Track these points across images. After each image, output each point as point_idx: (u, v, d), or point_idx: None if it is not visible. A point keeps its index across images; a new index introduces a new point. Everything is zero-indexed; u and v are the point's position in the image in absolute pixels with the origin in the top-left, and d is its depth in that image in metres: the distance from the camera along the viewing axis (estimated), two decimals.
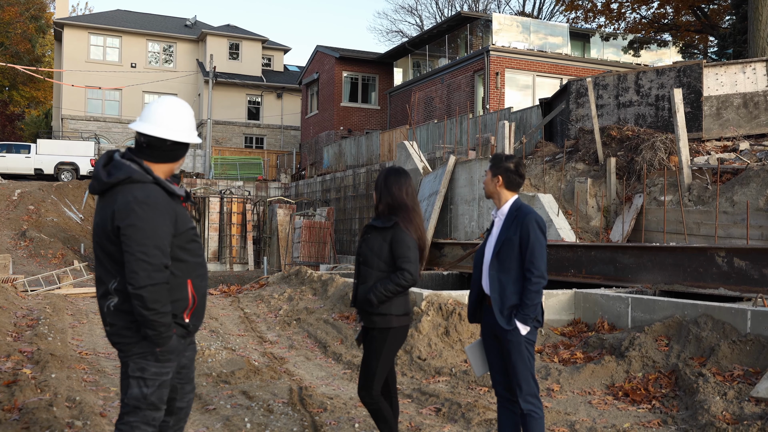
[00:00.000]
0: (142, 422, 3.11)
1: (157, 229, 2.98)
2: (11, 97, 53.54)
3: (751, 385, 5.39)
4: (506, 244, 3.78)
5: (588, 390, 5.93)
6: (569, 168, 15.26)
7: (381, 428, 3.95)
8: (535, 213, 3.85)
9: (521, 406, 3.78)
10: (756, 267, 7.66)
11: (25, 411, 4.69)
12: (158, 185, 3.09)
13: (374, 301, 3.83)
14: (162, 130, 3.13)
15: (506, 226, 3.83)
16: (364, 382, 3.91)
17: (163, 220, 3.01)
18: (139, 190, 3.00)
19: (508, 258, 3.77)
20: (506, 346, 3.77)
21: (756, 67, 15.28)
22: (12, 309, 8.79)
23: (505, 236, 3.79)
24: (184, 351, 3.24)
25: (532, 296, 3.71)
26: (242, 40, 42.74)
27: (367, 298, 3.85)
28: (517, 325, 3.72)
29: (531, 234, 3.73)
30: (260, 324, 9.32)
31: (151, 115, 3.16)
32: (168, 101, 3.25)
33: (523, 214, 3.82)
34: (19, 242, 24.30)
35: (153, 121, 3.14)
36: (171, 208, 3.08)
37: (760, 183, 11.86)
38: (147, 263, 2.92)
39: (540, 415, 3.79)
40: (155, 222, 2.98)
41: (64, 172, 32.15)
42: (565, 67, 26.06)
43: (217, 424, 4.96)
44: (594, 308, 7.93)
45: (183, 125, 3.20)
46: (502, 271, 3.78)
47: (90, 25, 40.84)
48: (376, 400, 3.89)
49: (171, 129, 3.16)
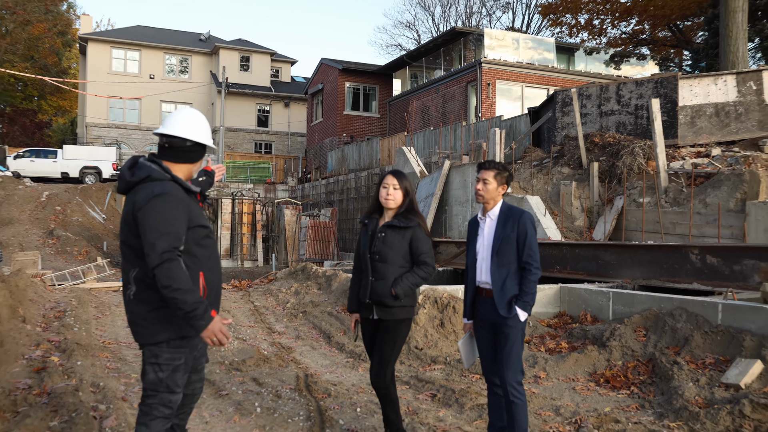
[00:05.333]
0: (160, 404, 3.15)
1: (169, 217, 3.01)
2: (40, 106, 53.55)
3: (722, 372, 5.41)
4: (505, 241, 3.83)
5: (572, 377, 5.95)
6: (555, 172, 15.27)
7: (388, 412, 3.95)
8: (528, 212, 3.90)
9: (506, 393, 3.80)
10: (726, 263, 7.68)
11: (53, 395, 4.70)
12: (175, 182, 3.15)
13: (401, 294, 3.82)
14: (183, 131, 3.23)
15: (501, 225, 3.87)
16: (378, 369, 3.89)
17: (177, 211, 3.05)
18: (158, 185, 3.07)
19: (507, 254, 3.82)
20: (505, 332, 3.80)
21: (727, 79, 15.29)
22: (41, 302, 8.81)
23: (503, 234, 3.85)
24: (197, 343, 3.26)
25: (531, 286, 3.80)
26: (252, 53, 42.75)
27: (392, 291, 3.83)
28: (517, 312, 3.77)
29: (528, 232, 3.82)
30: (269, 316, 9.34)
31: (173, 120, 3.27)
32: (186, 110, 3.37)
33: (517, 213, 3.88)
34: (47, 240, 24.31)
35: (174, 125, 3.25)
36: (185, 203, 3.12)
37: (731, 186, 11.88)
38: (156, 246, 2.94)
39: (523, 402, 3.81)
40: (169, 211, 3.02)
41: (88, 176, 32.15)
42: (552, 79, 26.06)
43: (230, 408, 4.98)
44: (578, 302, 7.94)
45: (200, 129, 3.31)
46: (502, 266, 3.83)
47: (112, 40, 40.85)
48: (388, 386, 3.90)
49: (190, 131, 3.26)
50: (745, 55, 17.61)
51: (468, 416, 4.87)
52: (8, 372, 5.36)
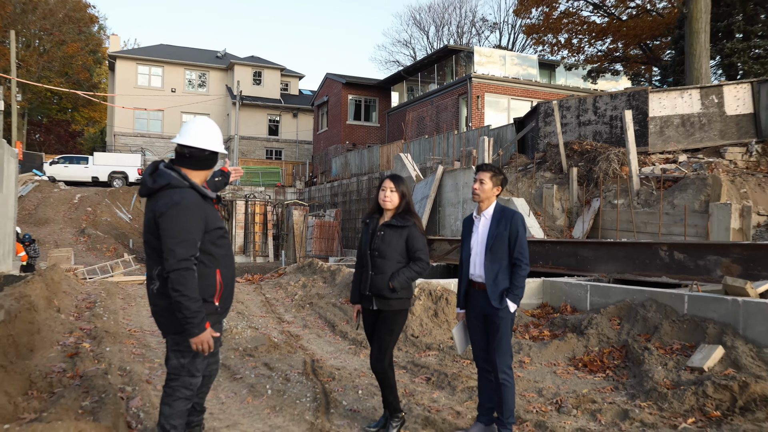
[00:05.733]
0: (182, 386, 3.16)
1: (187, 225, 2.99)
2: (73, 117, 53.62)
3: (687, 356, 5.41)
4: (498, 239, 3.82)
5: (553, 362, 5.94)
6: (538, 176, 15.27)
7: (386, 394, 3.94)
8: (519, 213, 3.89)
9: (497, 376, 3.80)
10: (692, 259, 7.69)
11: (85, 378, 4.70)
12: (193, 189, 3.12)
13: (398, 287, 3.81)
14: (201, 142, 3.19)
15: (495, 224, 3.85)
16: (377, 355, 3.88)
17: (194, 219, 3.03)
18: (177, 193, 3.04)
19: (499, 250, 3.81)
20: (496, 322, 3.78)
21: (692, 93, 15.30)
22: (74, 294, 8.80)
23: (497, 232, 3.82)
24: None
25: (521, 280, 3.78)
26: (264, 69, 42.71)
27: (389, 284, 3.81)
28: (508, 304, 3.76)
29: (519, 231, 3.80)
30: (279, 307, 9.32)
31: (190, 131, 3.22)
32: (201, 120, 3.30)
33: (510, 214, 3.86)
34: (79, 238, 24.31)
35: (192, 136, 3.20)
36: (202, 209, 3.10)
37: (696, 189, 11.89)
38: (175, 252, 2.94)
39: (512, 384, 3.81)
40: (186, 220, 3.00)
41: (116, 180, 32.13)
42: (535, 92, 26.07)
43: (243, 390, 4.97)
44: (559, 294, 7.94)
45: (215, 139, 3.27)
46: (495, 261, 3.81)
47: (138, 57, 40.82)
48: (386, 370, 3.88)
49: (207, 141, 3.22)
50: (707, 71, 17.63)
51: (459, 397, 4.88)
52: (45, 357, 5.36)
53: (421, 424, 4.20)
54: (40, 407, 4.02)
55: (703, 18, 17.53)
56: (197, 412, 3.48)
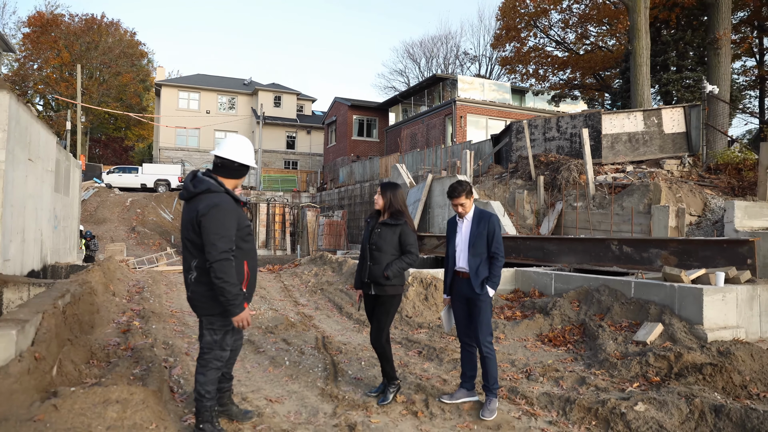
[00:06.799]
0: (214, 359, 3.14)
1: (225, 224, 2.98)
2: (126, 134, 53.63)
3: (633, 332, 5.42)
4: (478, 236, 3.83)
5: (524, 338, 5.94)
6: (511, 183, 15.27)
7: (384, 365, 3.93)
8: (495, 215, 3.91)
9: (481, 350, 3.79)
10: (637, 251, 7.70)
11: (135, 350, 4.70)
12: (228, 194, 3.11)
13: (390, 275, 3.80)
14: (233, 154, 3.17)
15: (475, 225, 3.87)
16: (376, 334, 3.87)
17: (230, 219, 3.01)
18: (215, 197, 3.03)
19: (479, 246, 3.82)
20: (478, 305, 3.78)
21: (637, 115, 15.31)
22: (126, 280, 8.79)
23: (477, 232, 3.84)
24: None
25: (498, 270, 3.80)
26: (283, 93, 42.65)
27: (384, 273, 3.81)
28: (487, 290, 3.77)
29: (495, 229, 3.82)
30: (295, 292, 9.31)
31: (225, 145, 3.21)
32: (236, 137, 3.28)
33: (487, 215, 3.88)
34: (130, 234, 24.28)
35: (225, 149, 3.18)
36: (236, 211, 3.09)
37: (640, 194, 11.89)
38: (216, 246, 2.93)
39: (494, 356, 3.82)
40: (224, 219, 2.98)
41: (160, 186, 32.08)
42: (509, 113, 26.06)
43: (266, 361, 4.97)
44: (528, 281, 7.95)
45: (246, 153, 3.24)
46: (476, 255, 3.82)
47: (179, 85, 40.74)
48: (383, 346, 3.87)
49: (238, 154, 3.19)
50: (649, 97, 17.65)
51: (445, 368, 4.87)
52: (103, 332, 5.35)
53: (414, 389, 4.20)
54: (99, 374, 4.01)
55: (645, 54, 17.55)
56: (227, 379, 3.47)
